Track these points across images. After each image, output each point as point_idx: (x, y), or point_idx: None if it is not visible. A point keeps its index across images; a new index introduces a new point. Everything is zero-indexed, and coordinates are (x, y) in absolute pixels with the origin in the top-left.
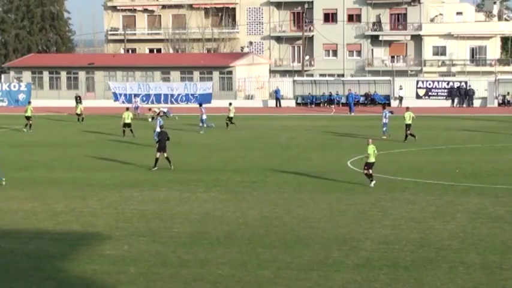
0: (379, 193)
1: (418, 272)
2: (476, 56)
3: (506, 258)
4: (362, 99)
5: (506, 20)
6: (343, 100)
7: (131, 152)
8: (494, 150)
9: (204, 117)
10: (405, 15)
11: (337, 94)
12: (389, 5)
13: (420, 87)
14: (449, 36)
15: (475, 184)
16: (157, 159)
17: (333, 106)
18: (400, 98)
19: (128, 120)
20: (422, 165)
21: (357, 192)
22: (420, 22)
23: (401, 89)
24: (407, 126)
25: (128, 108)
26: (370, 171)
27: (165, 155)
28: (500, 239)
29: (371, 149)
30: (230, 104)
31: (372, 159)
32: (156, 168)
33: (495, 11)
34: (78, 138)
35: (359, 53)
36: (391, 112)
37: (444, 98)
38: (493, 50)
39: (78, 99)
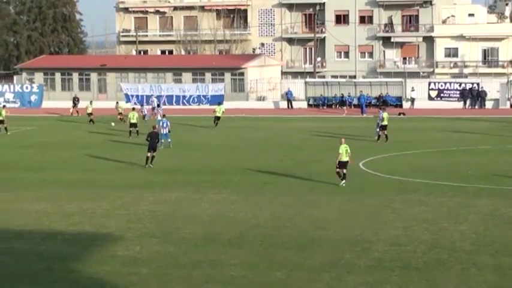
0: (391, 194)
1: (430, 274)
2: (489, 57)
3: None
4: (374, 100)
5: None
6: (355, 102)
7: (142, 153)
8: (506, 151)
9: (159, 117)
10: (417, 16)
11: (349, 95)
12: (401, 7)
13: (432, 89)
14: (461, 37)
15: (487, 186)
16: (148, 158)
17: (345, 108)
18: (412, 100)
19: (133, 120)
20: (434, 167)
21: (369, 193)
22: (432, 24)
23: (413, 90)
24: (384, 127)
25: (133, 108)
26: (344, 170)
27: (154, 154)
28: None
29: (343, 148)
30: (219, 103)
31: (343, 159)
32: (147, 166)
33: (507, 13)
34: (89, 139)
35: (371, 54)
36: (403, 114)
37: (456, 99)
38: (505, 51)
39: (76, 100)
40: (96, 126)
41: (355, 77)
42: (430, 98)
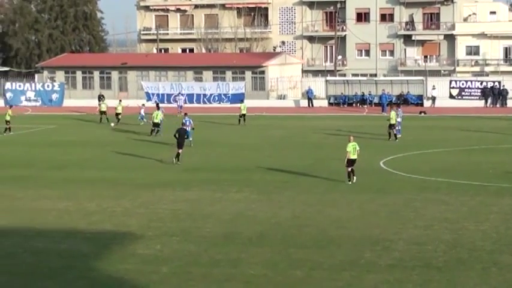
0: (412, 193)
1: (450, 273)
2: (510, 55)
3: None
4: (395, 99)
5: None
6: (376, 100)
7: (163, 152)
8: None
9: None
10: (438, 14)
11: (369, 94)
12: (422, 5)
13: (453, 87)
14: (482, 35)
15: (509, 185)
16: (178, 154)
17: (366, 106)
18: (433, 98)
19: (156, 120)
20: (455, 166)
21: (390, 192)
22: (453, 21)
23: (434, 89)
24: (391, 126)
25: (158, 108)
26: (351, 168)
27: (180, 151)
28: None
29: (350, 146)
30: (241, 101)
31: (352, 157)
32: (175, 163)
33: None
34: (110, 137)
35: (392, 52)
36: (424, 112)
37: (477, 98)
38: None
39: (102, 98)
40: (118, 124)
41: (376, 75)
42: (451, 96)
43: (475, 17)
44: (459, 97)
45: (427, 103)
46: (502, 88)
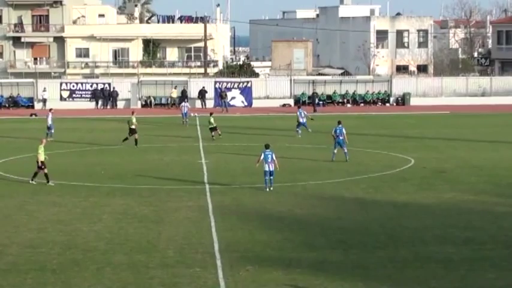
0: (25, 196)
1: (65, 275)
2: (119, 58)
3: (152, 257)
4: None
5: (147, 22)
6: None
7: None
8: (139, 150)
9: None
10: (47, 16)
11: None
12: (30, 6)
13: (64, 89)
14: (92, 38)
15: (121, 185)
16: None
17: None
18: (44, 100)
19: None
20: (69, 168)
21: (2, 195)
22: (63, 24)
23: (45, 91)
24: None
25: None
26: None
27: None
28: (146, 238)
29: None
30: None
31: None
32: None
33: (136, 14)
34: None
35: (1, 55)
36: (35, 115)
37: (88, 99)
38: (135, 51)
39: None
40: None
41: None
42: (62, 98)
43: (84, 19)
44: (70, 99)
45: (38, 105)
46: (112, 90)
